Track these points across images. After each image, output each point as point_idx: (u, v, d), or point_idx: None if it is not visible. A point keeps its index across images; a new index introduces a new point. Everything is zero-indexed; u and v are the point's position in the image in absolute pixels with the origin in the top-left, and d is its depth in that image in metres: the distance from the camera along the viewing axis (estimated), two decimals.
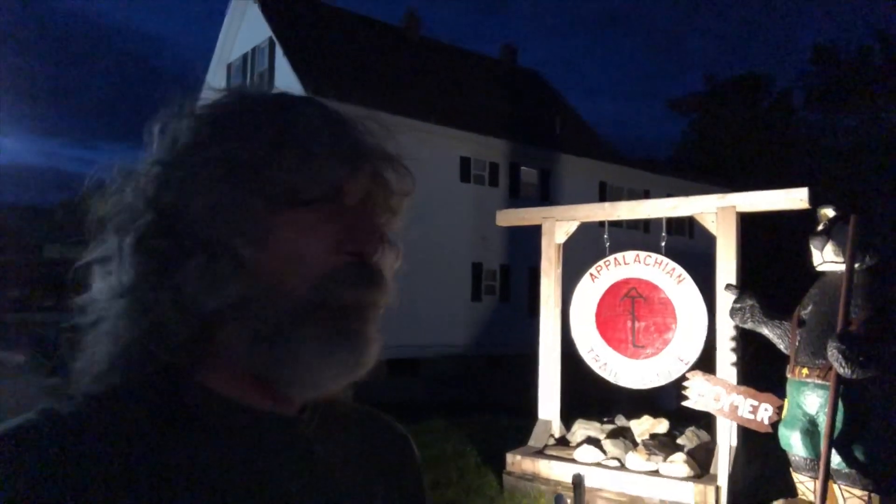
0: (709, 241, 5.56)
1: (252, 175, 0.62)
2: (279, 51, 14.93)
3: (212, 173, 0.62)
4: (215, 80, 17.49)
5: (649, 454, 5.43)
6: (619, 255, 5.80)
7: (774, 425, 4.18)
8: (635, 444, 5.72)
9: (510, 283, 16.30)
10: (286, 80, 14.13)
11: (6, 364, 16.51)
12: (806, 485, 3.82)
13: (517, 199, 15.98)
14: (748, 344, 5.23)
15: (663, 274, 5.55)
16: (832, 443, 3.43)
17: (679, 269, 5.50)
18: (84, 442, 0.56)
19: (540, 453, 5.87)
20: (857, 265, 3.65)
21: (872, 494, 3.50)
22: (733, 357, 5.04)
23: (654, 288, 5.58)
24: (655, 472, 5.27)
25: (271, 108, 0.67)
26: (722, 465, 5.02)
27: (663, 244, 5.74)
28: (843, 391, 3.49)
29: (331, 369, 0.63)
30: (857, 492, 3.53)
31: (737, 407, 4.47)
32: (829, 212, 3.99)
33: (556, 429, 6.19)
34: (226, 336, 0.63)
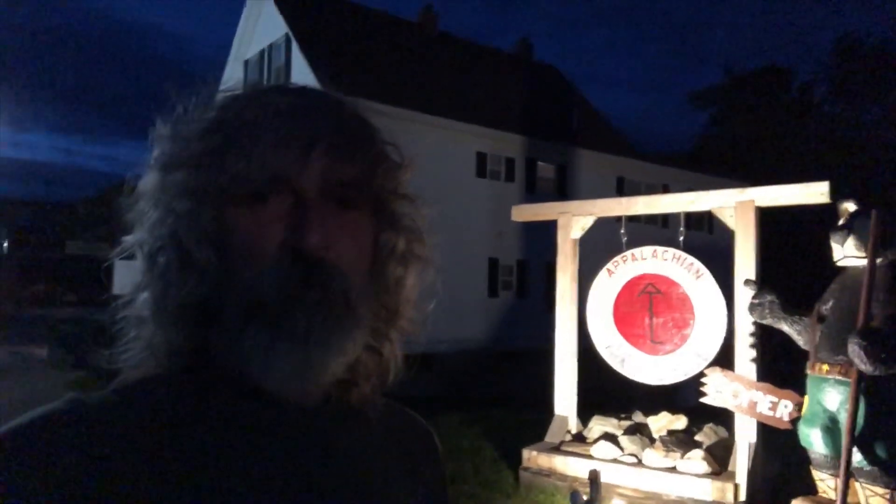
0: (728, 235, 5.51)
1: (195, 175, 0.64)
2: (295, 47, 14.99)
3: (163, 178, 0.65)
4: (233, 76, 17.61)
5: (667, 451, 5.39)
6: (636, 251, 5.76)
7: (794, 422, 4.14)
8: (653, 441, 5.69)
9: (527, 278, 16.26)
10: (303, 76, 14.20)
11: (29, 358, 16.77)
12: (827, 483, 3.78)
13: (533, 194, 15.92)
14: (767, 340, 5.18)
15: (681, 269, 5.51)
16: (853, 440, 3.39)
17: (697, 265, 5.46)
18: (110, 430, 0.57)
19: (556, 449, 5.86)
20: (878, 260, 3.60)
21: (895, 492, 3.46)
22: (752, 353, 4.99)
23: (672, 283, 5.54)
24: (673, 469, 5.24)
25: (225, 104, 0.68)
26: (741, 462, 4.98)
27: (681, 239, 5.69)
28: (865, 388, 3.45)
29: (277, 370, 0.62)
30: (880, 490, 3.48)
31: (756, 403, 4.44)
32: (851, 206, 3.94)
33: (573, 425, 6.18)
34: (212, 333, 0.65)
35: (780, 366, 5.46)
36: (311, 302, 0.62)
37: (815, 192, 4.93)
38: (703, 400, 4.69)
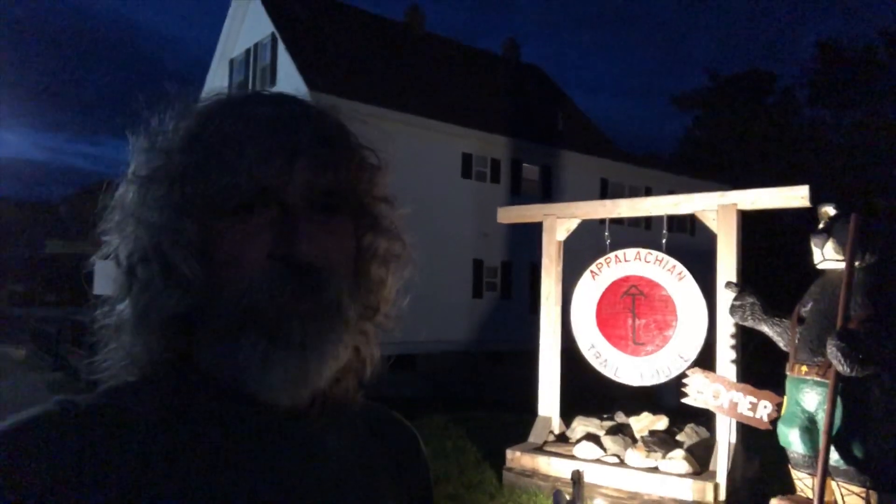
0: (710, 238, 5.57)
1: (178, 188, 0.64)
2: (281, 46, 14.90)
3: (143, 191, 0.65)
4: (217, 75, 17.50)
5: (648, 451, 5.44)
6: (619, 253, 5.81)
7: (774, 422, 4.19)
8: (635, 441, 5.73)
9: (511, 279, 16.30)
10: (288, 75, 14.13)
11: (8, 359, 16.54)
12: (804, 482, 3.83)
13: (518, 195, 15.96)
14: (747, 341, 5.24)
15: (664, 271, 5.56)
16: (831, 440, 3.44)
17: (680, 267, 5.50)
18: (100, 433, 0.57)
19: (539, 449, 5.89)
20: (857, 263, 3.65)
21: (870, 491, 3.51)
22: (733, 354, 5.05)
23: (655, 285, 5.59)
24: (655, 469, 5.28)
25: (203, 115, 0.67)
26: (721, 461, 5.03)
27: (664, 241, 5.74)
28: (842, 389, 3.50)
29: (274, 378, 0.62)
30: (856, 488, 3.54)
31: (736, 404, 4.49)
32: (830, 210, 3.99)
33: (556, 425, 6.21)
34: (196, 342, 0.65)
35: (760, 367, 5.52)
36: (305, 311, 0.62)
37: (795, 196, 4.99)
38: (684, 400, 4.73)
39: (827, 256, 3.85)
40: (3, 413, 0.59)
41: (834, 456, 3.52)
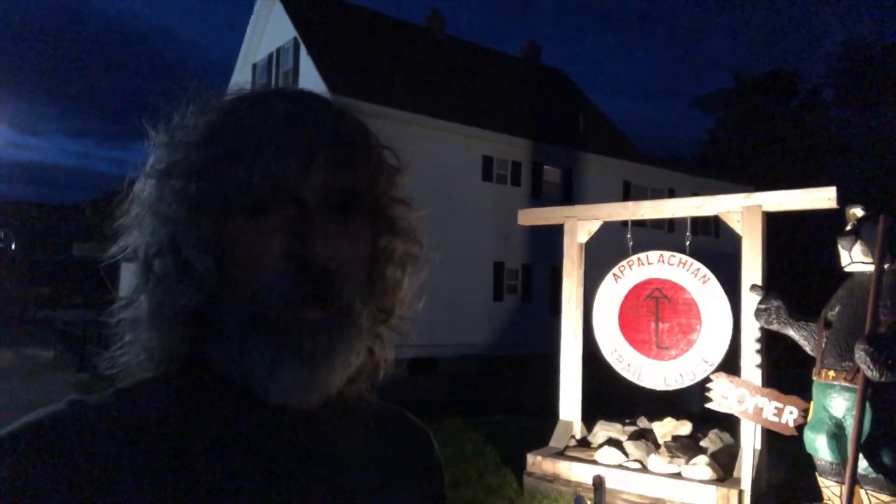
0: (734, 240, 5.49)
1: (195, 183, 0.63)
2: (303, 50, 15.03)
3: (160, 185, 0.65)
4: (241, 79, 17.67)
5: (671, 456, 5.37)
6: (642, 255, 5.75)
7: (800, 428, 4.12)
8: (657, 446, 5.66)
9: (532, 282, 16.24)
10: (311, 79, 14.24)
11: (36, 360, 16.85)
12: (832, 490, 3.75)
13: (539, 198, 15.91)
14: (773, 346, 5.16)
15: (688, 274, 5.49)
16: (859, 447, 3.36)
17: (704, 270, 5.43)
18: (110, 432, 0.57)
19: (561, 454, 5.84)
20: (886, 266, 3.58)
21: None
22: (758, 359, 4.97)
23: (679, 288, 5.52)
24: (677, 475, 5.21)
25: (224, 110, 0.67)
26: (745, 468, 4.95)
27: (688, 244, 5.67)
28: (871, 394, 3.42)
29: (280, 385, 0.62)
30: (885, 497, 3.45)
31: (761, 409, 4.41)
32: (858, 211, 3.92)
33: (578, 430, 6.16)
34: (209, 339, 0.65)
35: (786, 372, 5.43)
36: (316, 320, 0.62)
37: (822, 197, 4.91)
38: (708, 405, 4.67)
39: (855, 259, 3.77)
40: (29, 413, 0.59)
41: (863, 464, 3.44)
